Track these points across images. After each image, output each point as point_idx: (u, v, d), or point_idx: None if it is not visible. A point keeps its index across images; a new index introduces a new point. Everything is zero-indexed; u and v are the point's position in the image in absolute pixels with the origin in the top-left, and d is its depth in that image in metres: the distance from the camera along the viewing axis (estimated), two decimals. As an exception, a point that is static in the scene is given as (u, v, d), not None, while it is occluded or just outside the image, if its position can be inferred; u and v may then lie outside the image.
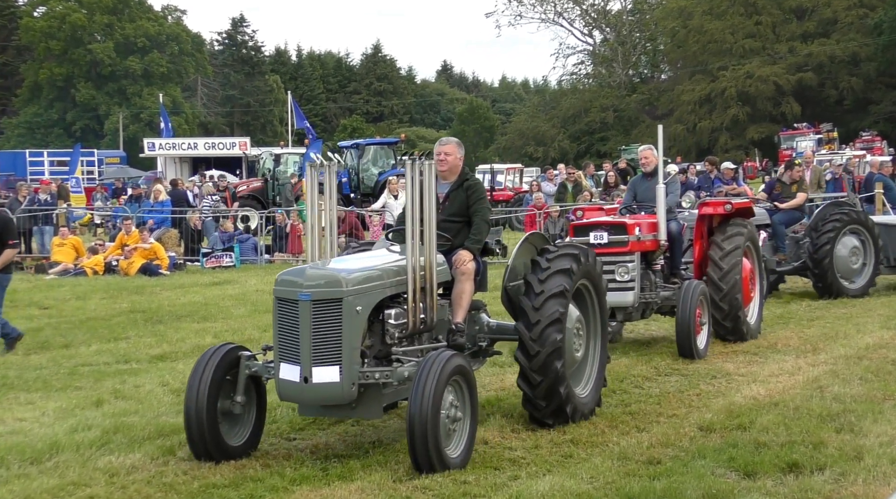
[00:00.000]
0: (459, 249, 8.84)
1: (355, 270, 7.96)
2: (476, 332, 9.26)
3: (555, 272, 8.80)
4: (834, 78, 76.37)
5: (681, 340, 11.85)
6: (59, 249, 24.48)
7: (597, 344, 9.66)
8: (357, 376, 7.65)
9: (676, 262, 13.30)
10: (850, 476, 7.21)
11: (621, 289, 12.22)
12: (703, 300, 12.25)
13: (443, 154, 9.14)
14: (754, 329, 13.31)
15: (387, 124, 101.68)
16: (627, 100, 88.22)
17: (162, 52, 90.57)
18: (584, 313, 9.49)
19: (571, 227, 12.81)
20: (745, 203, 14.03)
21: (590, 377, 9.53)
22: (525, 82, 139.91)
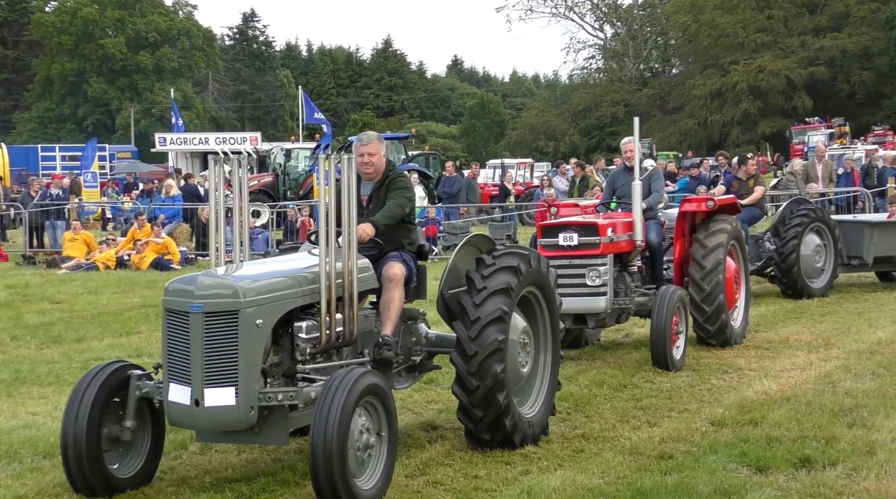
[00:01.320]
0: (390, 255, 8.13)
1: (256, 277, 7.08)
2: (412, 344, 8.48)
3: (500, 269, 8.02)
4: (846, 72, 76.13)
5: (655, 349, 11.02)
6: (71, 244, 24.55)
7: (546, 360, 8.72)
8: (257, 398, 6.74)
9: (658, 271, 12.59)
10: (862, 471, 7.19)
11: (592, 294, 11.38)
12: (681, 307, 11.42)
13: (366, 155, 8.28)
14: (739, 333, 12.53)
15: (397, 119, 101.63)
16: (638, 94, 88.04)
17: (173, 47, 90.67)
18: (533, 324, 8.60)
19: (539, 227, 11.93)
20: (730, 199, 13.21)
21: (538, 397, 8.55)
22: (536, 77, 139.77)
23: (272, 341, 7.08)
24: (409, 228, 8.38)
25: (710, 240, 12.24)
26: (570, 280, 11.28)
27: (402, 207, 8.18)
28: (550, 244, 11.47)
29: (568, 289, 11.04)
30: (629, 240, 11.91)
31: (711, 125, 78.19)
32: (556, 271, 10.78)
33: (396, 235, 8.26)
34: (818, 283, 16.50)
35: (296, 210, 27.04)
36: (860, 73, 75.02)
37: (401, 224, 8.24)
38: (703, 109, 79.13)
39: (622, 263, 12.01)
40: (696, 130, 78.96)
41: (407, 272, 8.06)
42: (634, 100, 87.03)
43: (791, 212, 16.59)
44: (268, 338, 6.92)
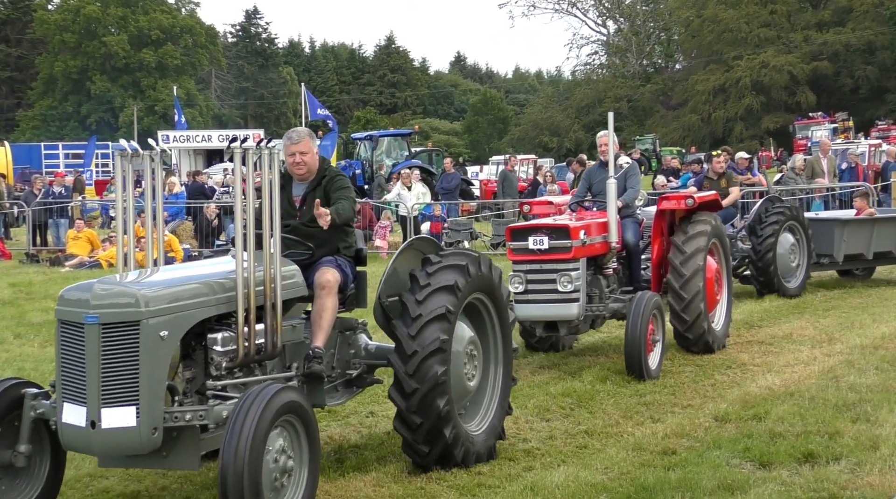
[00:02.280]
0: (324, 259, 7.55)
1: (163, 284, 6.44)
2: (350, 356, 7.86)
3: (436, 290, 7.30)
4: (849, 67, 76.03)
5: (630, 359, 10.41)
6: (75, 242, 24.56)
7: (497, 376, 8.11)
8: (161, 419, 6.07)
9: (636, 274, 11.95)
10: (865, 466, 7.19)
11: (564, 300, 10.75)
12: (657, 315, 10.77)
13: (298, 155, 7.70)
14: (721, 336, 11.99)
15: (400, 116, 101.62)
16: (641, 90, 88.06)
17: (176, 44, 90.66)
18: (481, 332, 8.02)
19: (508, 230, 11.29)
20: (710, 196, 12.47)
21: (485, 416, 7.97)
22: (539, 73, 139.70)
23: (184, 355, 6.47)
24: (346, 229, 7.83)
25: (688, 244, 11.63)
26: (541, 286, 10.78)
27: (353, 208, 7.67)
28: (520, 248, 10.90)
29: (539, 295, 10.76)
30: (603, 242, 11.30)
31: (715, 121, 78.15)
32: (527, 276, 10.76)
33: (331, 237, 7.64)
34: (793, 282, 16.03)
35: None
36: (864, 67, 74.92)
37: (338, 227, 7.62)
38: (706, 105, 79.08)
39: (597, 266, 11.45)
40: (700, 126, 78.93)
41: (341, 278, 7.48)
42: (638, 95, 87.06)
43: (766, 210, 16.07)
44: (175, 351, 6.26)
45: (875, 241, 16.58)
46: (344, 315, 7.82)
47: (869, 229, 16.60)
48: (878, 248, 16.64)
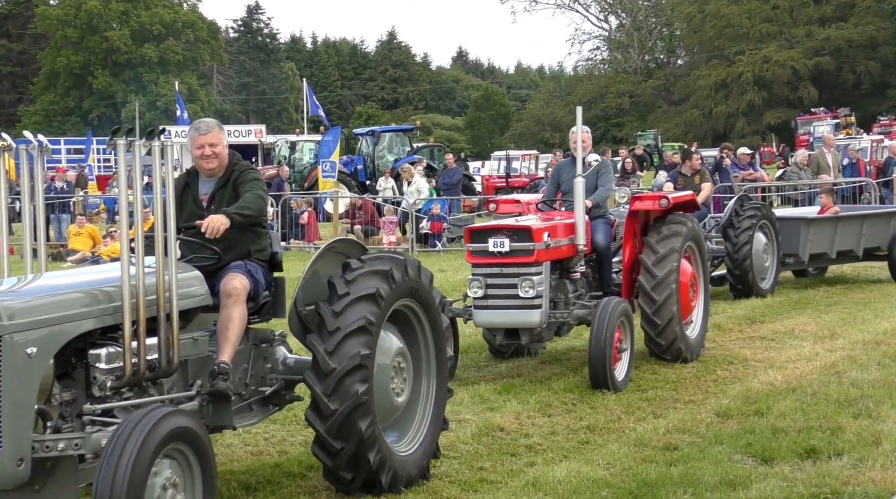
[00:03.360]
0: (232, 265, 6.77)
1: (32, 294, 5.70)
2: (266, 371, 7.08)
3: (355, 300, 6.57)
4: (851, 62, 76.00)
5: (594, 369, 9.70)
6: (76, 238, 24.60)
7: (430, 390, 7.41)
8: (29, 449, 5.27)
9: (606, 279, 11.22)
10: (867, 461, 7.18)
11: (525, 307, 10.07)
12: (625, 321, 10.13)
13: (207, 147, 6.93)
14: (695, 346, 11.19)
15: (402, 111, 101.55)
16: (643, 85, 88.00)
17: (177, 39, 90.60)
18: (411, 342, 7.30)
19: (467, 231, 10.60)
20: (687, 196, 11.79)
21: (417, 434, 7.23)
22: (541, 68, 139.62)
23: (62, 374, 5.68)
24: (258, 231, 7.06)
25: (662, 244, 10.87)
26: (501, 291, 10.13)
27: (263, 198, 6.95)
28: (479, 250, 10.20)
29: (499, 300, 10.13)
30: (570, 244, 10.60)
31: (717, 116, 78.12)
32: (486, 280, 10.10)
33: (241, 240, 6.90)
34: (765, 283, 15.60)
35: (299, 202, 27.03)
36: (866, 63, 74.90)
37: (247, 227, 6.91)
38: (708, 100, 79.05)
39: (563, 270, 10.79)
40: (702, 121, 78.91)
41: (251, 285, 6.70)
42: (639, 91, 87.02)
43: (739, 210, 15.52)
44: (48, 370, 5.45)
45: (839, 239, 16.22)
46: (259, 326, 7.11)
47: (833, 228, 16.23)
48: (841, 246, 16.28)
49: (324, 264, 7.05)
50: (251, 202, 6.82)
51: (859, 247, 16.43)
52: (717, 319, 13.59)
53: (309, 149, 39.33)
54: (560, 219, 10.77)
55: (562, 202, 11.46)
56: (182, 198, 6.96)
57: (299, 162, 38.55)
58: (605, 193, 11.24)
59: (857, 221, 16.52)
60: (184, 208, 6.94)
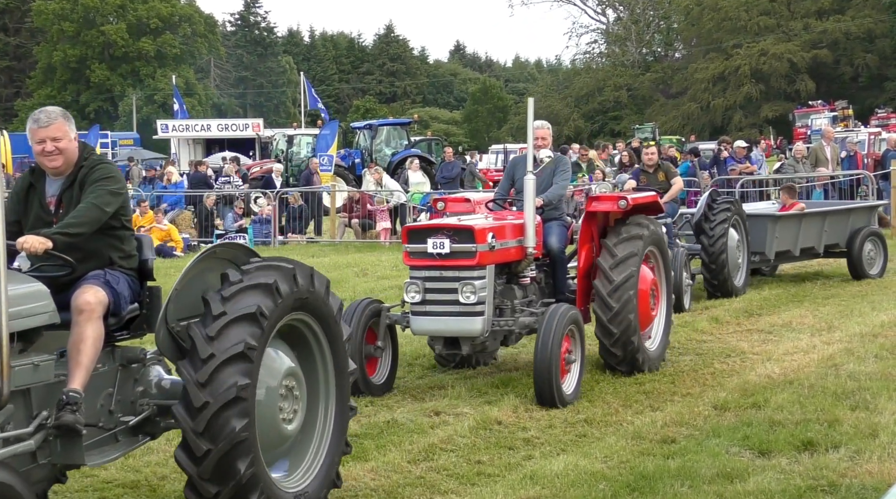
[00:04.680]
0: (88, 275, 5.87)
1: None
2: (136, 396, 6.14)
3: (232, 322, 5.70)
4: (849, 55, 75.97)
5: (539, 382, 8.94)
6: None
7: (328, 413, 6.53)
8: None
9: (560, 284, 10.44)
10: (865, 454, 7.19)
11: (466, 313, 9.27)
12: (574, 330, 9.34)
13: (49, 142, 5.99)
14: (655, 358, 10.39)
15: (400, 105, 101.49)
16: (641, 79, 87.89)
17: (174, 33, 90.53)
18: (307, 365, 6.42)
19: (404, 231, 9.90)
20: (648, 197, 10.88)
21: (313, 464, 6.42)
22: (538, 62, 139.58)
23: None
24: (119, 235, 6.12)
25: (621, 247, 10.08)
26: (440, 296, 9.34)
27: (100, 206, 5.88)
28: (417, 251, 9.41)
29: (437, 306, 9.34)
30: (518, 246, 9.83)
31: (714, 109, 78.08)
32: (425, 285, 9.36)
33: (98, 246, 6.00)
34: (739, 280, 15.15)
35: (297, 197, 27.03)
36: (863, 55, 74.87)
37: (106, 231, 6.01)
38: (705, 93, 78.99)
39: (510, 274, 10.04)
40: (699, 114, 78.85)
41: (110, 298, 5.78)
42: (637, 84, 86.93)
43: (713, 204, 15.04)
44: None
45: (802, 237, 15.93)
46: (128, 343, 6.26)
47: (798, 225, 15.96)
48: (804, 243, 16.00)
49: (201, 273, 6.10)
50: (82, 215, 5.81)
51: (820, 244, 16.14)
52: (714, 312, 13.63)
53: (306, 143, 39.32)
54: (511, 219, 10.03)
55: (513, 202, 10.69)
56: (27, 200, 6.09)
57: (297, 156, 38.53)
58: (558, 192, 10.45)
59: (820, 218, 16.23)
60: (29, 213, 6.06)
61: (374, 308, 9.77)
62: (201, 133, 56.77)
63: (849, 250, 16.27)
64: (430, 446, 7.80)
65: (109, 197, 5.94)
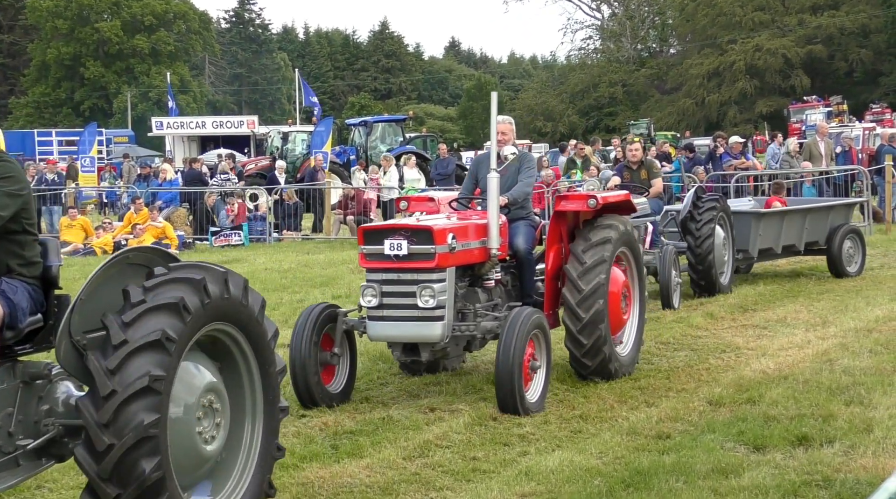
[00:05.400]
0: None
1: None
2: (42, 416, 5.55)
3: (152, 309, 5.24)
4: (844, 50, 75.96)
5: (501, 390, 8.52)
6: (69, 230, 24.56)
7: (256, 429, 6.00)
8: None
9: (527, 287, 9.98)
10: (859, 449, 7.20)
11: (424, 318, 8.82)
12: (539, 335, 8.88)
13: None
14: (628, 363, 10.00)
15: (395, 101, 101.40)
16: (636, 74, 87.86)
17: (169, 30, 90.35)
18: (231, 377, 5.88)
19: (360, 231, 9.31)
20: (619, 196, 10.48)
21: (240, 482, 5.92)
22: (533, 58, 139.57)
23: None
24: (19, 239, 5.59)
25: (590, 254, 9.56)
26: (398, 300, 8.90)
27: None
28: (373, 253, 8.95)
29: (395, 311, 8.90)
30: (482, 247, 9.36)
31: (709, 105, 78.02)
32: (382, 288, 8.88)
33: None
34: (724, 277, 14.95)
35: (292, 193, 27.02)
36: (858, 51, 74.84)
37: (3, 236, 5.51)
38: (700, 89, 78.93)
39: (474, 277, 9.58)
40: (694, 110, 78.80)
41: (4, 310, 5.31)
42: (632, 80, 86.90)
43: (698, 203, 14.83)
44: None
45: (784, 234, 15.83)
46: (31, 358, 5.74)
47: (780, 222, 15.85)
48: (786, 241, 15.89)
49: (110, 280, 5.53)
50: None
51: (801, 241, 16.05)
52: (709, 308, 13.65)
53: (301, 140, 39.28)
54: (475, 219, 9.53)
55: (477, 201, 10.17)
56: None
57: (292, 153, 38.50)
58: (524, 190, 9.99)
59: (801, 216, 16.13)
60: None
61: (329, 313, 9.23)
62: (196, 130, 56.63)
63: (829, 248, 16.16)
64: (425, 442, 7.80)
65: (6, 199, 5.36)
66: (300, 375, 8.87)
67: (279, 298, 15.23)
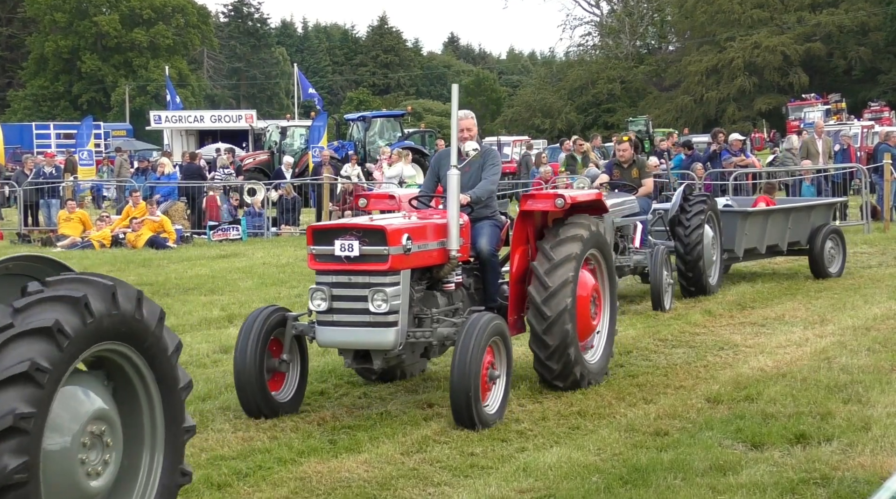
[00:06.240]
0: None
1: None
2: None
3: (18, 335, 4.61)
4: (842, 48, 75.98)
5: (455, 402, 7.99)
6: (67, 223, 24.55)
7: (156, 455, 5.35)
8: None
9: (491, 289, 9.39)
10: (857, 447, 7.21)
11: (376, 324, 8.25)
12: (498, 342, 8.37)
13: None
14: (596, 371, 9.45)
15: (393, 97, 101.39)
16: (635, 71, 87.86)
17: (167, 24, 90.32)
18: (125, 402, 5.25)
19: (309, 230, 8.66)
20: (589, 196, 9.94)
21: None
22: (532, 54, 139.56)
23: None
24: None
25: (558, 250, 9.07)
26: (349, 304, 8.33)
27: None
28: (323, 254, 8.40)
29: (345, 316, 8.35)
30: (441, 249, 8.78)
31: (707, 102, 78.03)
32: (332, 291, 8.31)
33: None
34: (712, 278, 14.69)
35: (288, 189, 27.01)
36: (857, 48, 74.86)
37: None
38: (699, 86, 78.94)
39: (433, 280, 8.98)
40: (693, 107, 78.81)
41: None
42: (630, 77, 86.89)
43: (687, 201, 14.58)
44: None
45: (768, 234, 15.64)
46: None
47: (765, 222, 15.65)
48: (770, 241, 15.72)
49: None
50: None
51: (784, 241, 15.89)
52: (707, 305, 13.64)
53: (300, 134, 39.28)
54: (436, 219, 8.94)
55: (440, 200, 9.44)
56: None
57: (290, 147, 38.47)
58: (488, 188, 9.36)
59: (785, 215, 15.98)
60: None
61: (278, 317, 8.64)
62: (194, 124, 56.66)
63: (811, 248, 16.00)
64: (423, 437, 7.81)
65: None
66: (243, 382, 8.34)
67: (277, 293, 15.24)
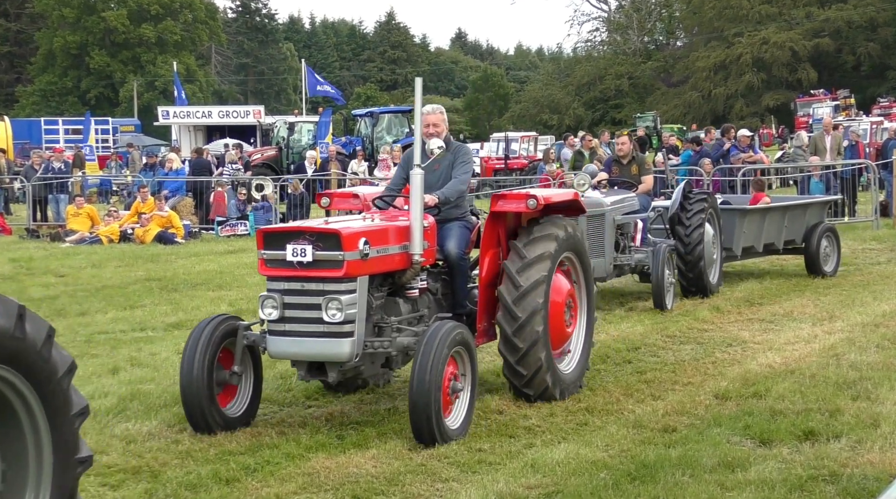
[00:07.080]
0: None
1: None
2: None
3: None
4: (851, 43, 75.83)
5: (415, 417, 7.45)
6: (75, 218, 24.59)
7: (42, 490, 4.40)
8: None
9: (460, 295, 8.84)
10: (866, 444, 7.19)
11: (330, 334, 7.70)
12: (462, 352, 7.84)
13: None
14: (570, 381, 8.90)
15: (401, 92, 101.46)
16: (642, 67, 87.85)
17: (175, 19, 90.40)
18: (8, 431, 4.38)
19: (259, 234, 8.11)
20: (565, 196, 9.35)
21: None
22: (540, 50, 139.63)
23: None
24: None
25: (531, 248, 8.58)
26: (301, 312, 7.78)
27: None
28: (274, 259, 7.86)
29: (297, 325, 7.79)
30: (403, 253, 8.22)
31: (715, 98, 77.95)
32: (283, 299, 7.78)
33: None
34: (713, 276, 14.39)
35: (298, 183, 27.02)
36: (865, 44, 74.71)
37: None
38: (707, 82, 78.86)
39: (395, 286, 8.44)
40: (701, 103, 78.74)
41: None
42: (638, 73, 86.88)
43: (687, 199, 14.28)
44: None
45: (765, 232, 15.52)
46: None
47: (762, 220, 15.52)
48: (767, 239, 15.59)
49: None
50: None
51: (780, 240, 15.76)
52: (715, 301, 13.63)
53: (307, 130, 39.33)
54: (400, 221, 8.39)
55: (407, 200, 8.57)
56: None
57: (297, 143, 38.52)
58: (457, 188, 8.73)
59: (781, 213, 15.85)
60: None
61: (228, 326, 8.11)
62: (202, 120, 56.75)
63: (806, 246, 15.90)
64: (431, 433, 7.79)
65: None
66: (189, 396, 7.79)
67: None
